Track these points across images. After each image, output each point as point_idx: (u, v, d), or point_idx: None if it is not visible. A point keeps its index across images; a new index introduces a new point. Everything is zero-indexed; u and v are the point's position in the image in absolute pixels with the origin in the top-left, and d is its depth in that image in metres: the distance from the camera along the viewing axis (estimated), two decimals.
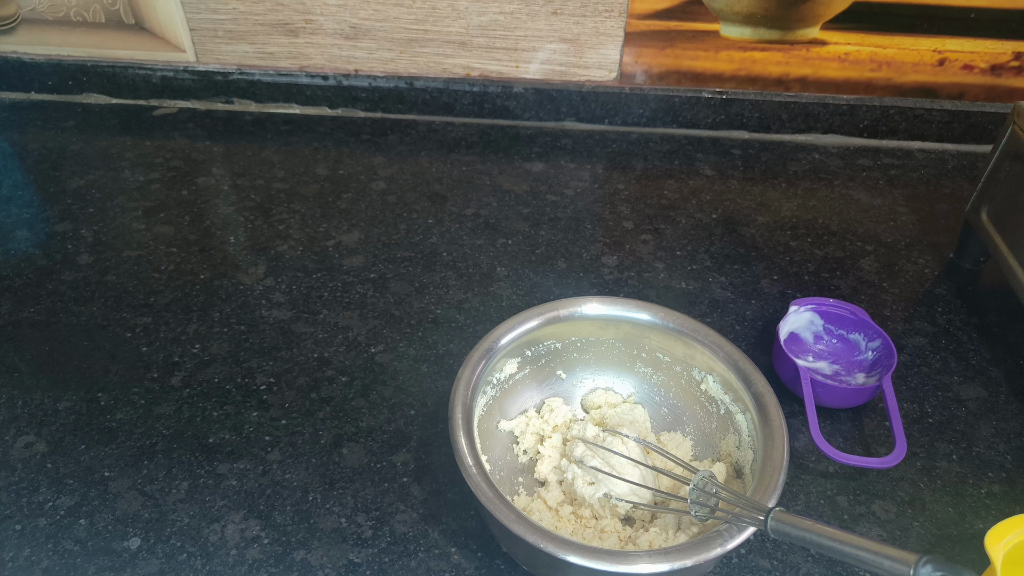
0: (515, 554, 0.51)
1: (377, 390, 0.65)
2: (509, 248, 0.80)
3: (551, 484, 0.56)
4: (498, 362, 0.56)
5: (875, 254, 0.80)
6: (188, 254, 0.78)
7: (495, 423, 0.58)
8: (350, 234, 0.81)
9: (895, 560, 0.37)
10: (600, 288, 0.75)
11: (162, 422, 0.62)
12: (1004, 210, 0.71)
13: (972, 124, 0.95)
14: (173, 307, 0.72)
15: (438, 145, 0.96)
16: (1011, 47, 0.90)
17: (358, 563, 0.53)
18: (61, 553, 0.53)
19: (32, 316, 0.71)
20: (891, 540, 0.55)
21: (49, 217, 0.83)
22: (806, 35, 0.91)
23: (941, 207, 0.88)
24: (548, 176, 0.91)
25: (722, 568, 0.53)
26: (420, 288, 0.75)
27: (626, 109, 0.98)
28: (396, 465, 0.59)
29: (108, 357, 0.67)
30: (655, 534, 0.51)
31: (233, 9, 0.94)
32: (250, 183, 0.89)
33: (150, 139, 0.96)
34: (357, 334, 0.70)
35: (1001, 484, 0.59)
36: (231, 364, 0.67)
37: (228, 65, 0.99)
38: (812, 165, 0.94)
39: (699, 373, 0.58)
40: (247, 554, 0.53)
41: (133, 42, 0.98)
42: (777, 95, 0.96)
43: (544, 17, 0.91)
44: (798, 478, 0.59)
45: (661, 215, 0.85)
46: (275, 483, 0.57)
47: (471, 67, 0.97)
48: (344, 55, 0.97)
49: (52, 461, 0.59)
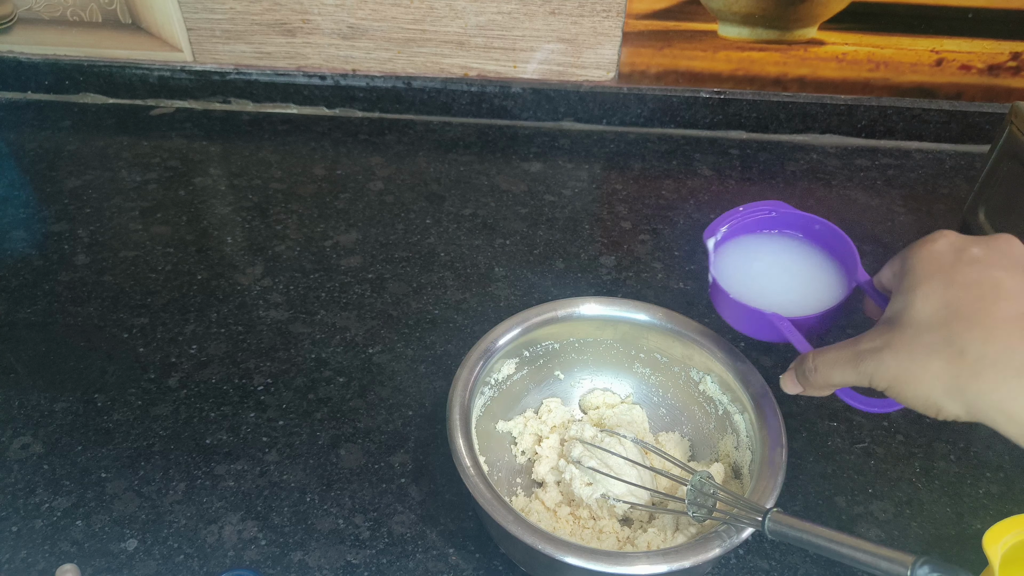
0: (513, 555, 0.51)
1: (375, 391, 0.65)
2: (507, 248, 0.80)
3: (549, 485, 0.56)
4: (496, 363, 0.56)
5: (873, 254, 0.80)
6: (185, 254, 0.78)
7: (493, 424, 0.58)
8: (348, 234, 0.81)
9: (892, 561, 0.37)
10: (598, 288, 0.75)
11: (159, 423, 0.61)
12: (1002, 210, 0.71)
13: (970, 124, 0.95)
14: (170, 308, 0.72)
15: (436, 145, 0.96)
16: (1009, 47, 0.90)
17: (356, 564, 0.52)
18: (58, 555, 0.52)
19: (28, 317, 0.71)
20: (889, 540, 0.55)
21: (45, 217, 0.83)
22: (804, 35, 0.91)
23: (939, 207, 0.88)
24: (546, 176, 0.91)
25: (720, 569, 0.53)
26: (418, 288, 0.75)
27: (624, 109, 0.98)
28: (394, 466, 0.59)
29: (105, 358, 0.67)
30: (653, 535, 0.51)
31: (230, 9, 0.93)
32: (247, 183, 0.88)
33: (147, 139, 0.96)
34: (355, 334, 0.70)
35: (999, 484, 0.59)
36: (228, 365, 0.66)
37: (225, 65, 0.99)
38: (810, 165, 0.94)
39: (697, 373, 0.58)
40: (245, 555, 0.53)
41: (130, 42, 0.97)
42: (775, 95, 0.96)
43: (542, 17, 0.91)
44: (796, 478, 0.59)
45: (659, 215, 0.85)
46: (272, 484, 0.57)
47: (469, 67, 0.97)
48: (342, 55, 0.97)
49: (49, 462, 0.59)
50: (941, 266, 0.36)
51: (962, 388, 0.33)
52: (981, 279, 0.35)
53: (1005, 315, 0.33)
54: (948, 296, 0.35)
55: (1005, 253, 0.36)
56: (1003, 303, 0.34)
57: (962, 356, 0.33)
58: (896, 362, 0.35)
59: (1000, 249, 0.36)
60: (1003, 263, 0.35)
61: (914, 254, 0.38)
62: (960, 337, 0.33)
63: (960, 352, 0.33)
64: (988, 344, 0.33)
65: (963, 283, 0.35)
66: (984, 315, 0.34)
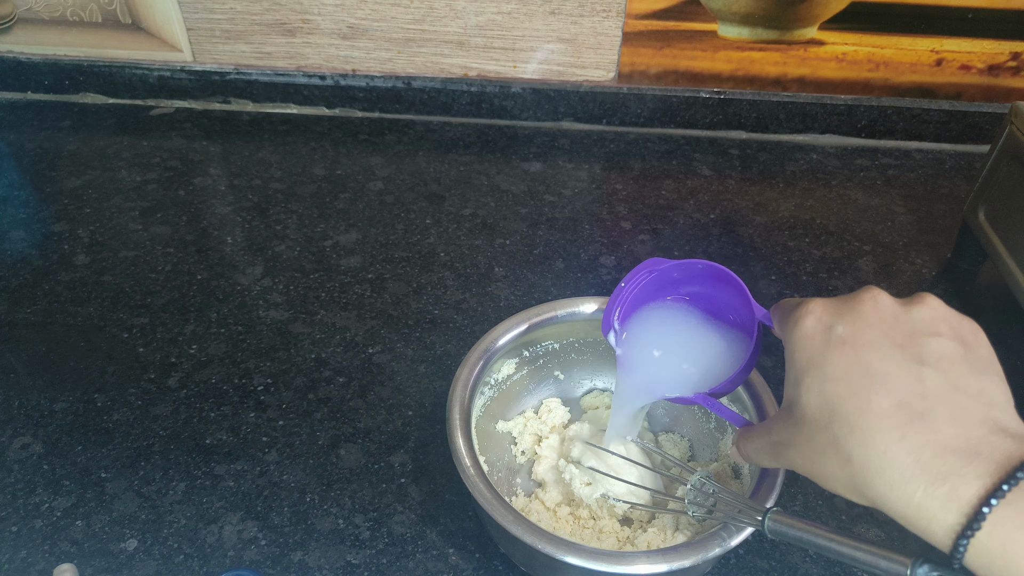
0: (513, 555, 0.51)
1: (375, 391, 0.65)
2: (507, 248, 0.80)
3: (549, 485, 0.56)
4: (496, 363, 0.56)
5: (873, 254, 0.80)
6: (185, 254, 0.78)
7: (493, 424, 0.58)
8: (348, 234, 0.81)
9: (892, 561, 0.37)
10: (598, 288, 0.75)
11: (159, 423, 0.61)
12: (1002, 210, 0.71)
13: (970, 124, 0.95)
14: (170, 308, 0.72)
15: (436, 145, 0.96)
16: (1008, 47, 0.90)
17: (356, 564, 0.52)
18: (58, 555, 0.52)
19: (28, 317, 0.71)
20: (889, 540, 0.55)
21: (45, 217, 0.83)
22: (804, 35, 0.91)
23: (939, 207, 0.88)
24: (546, 176, 0.91)
25: (720, 568, 0.53)
26: (418, 288, 0.75)
27: (624, 109, 0.98)
28: (394, 466, 0.59)
29: (105, 358, 0.67)
30: (653, 535, 0.51)
31: (230, 9, 0.93)
32: (247, 183, 0.88)
33: (147, 139, 0.96)
34: (355, 335, 0.70)
35: None
36: (228, 365, 0.66)
37: (225, 65, 0.99)
38: (810, 165, 0.94)
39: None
40: (245, 555, 0.53)
41: (130, 42, 0.97)
42: (775, 95, 0.96)
43: (542, 17, 0.91)
44: (796, 478, 0.59)
45: (659, 215, 0.85)
46: (272, 484, 0.57)
47: (469, 67, 0.97)
48: (341, 55, 0.97)
49: (48, 462, 0.59)
50: (813, 356, 0.34)
51: (860, 491, 0.32)
52: (850, 369, 0.33)
53: (878, 410, 0.31)
54: (825, 393, 0.33)
55: (869, 323, 0.34)
56: (874, 396, 0.32)
57: (850, 462, 0.32)
58: (801, 460, 0.35)
59: (864, 318, 0.34)
60: (869, 337, 0.33)
61: (790, 338, 0.36)
62: (844, 441, 0.32)
63: (847, 458, 0.32)
64: (868, 449, 0.31)
65: (835, 376, 0.33)
66: (859, 414, 0.32)
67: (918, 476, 0.30)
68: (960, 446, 0.29)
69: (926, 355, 0.32)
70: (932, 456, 0.30)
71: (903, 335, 0.33)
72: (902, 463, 0.30)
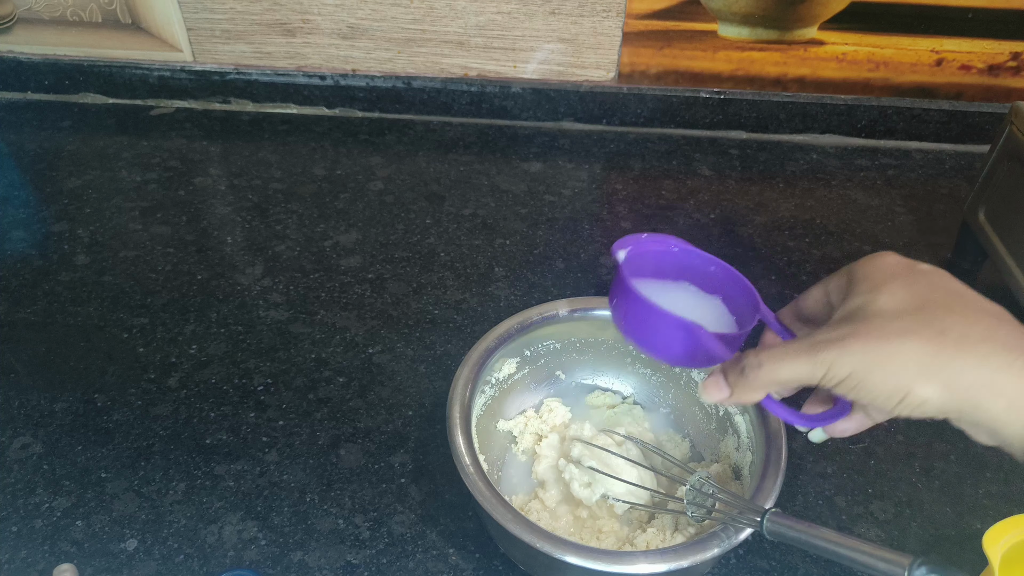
0: (513, 555, 0.51)
1: (375, 391, 0.65)
2: (507, 248, 0.80)
3: (549, 484, 0.56)
4: (496, 362, 0.56)
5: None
6: (185, 254, 0.78)
7: (493, 423, 0.58)
8: (348, 234, 0.81)
9: (890, 561, 0.37)
10: (599, 288, 0.75)
11: (159, 423, 0.62)
12: (1002, 210, 0.71)
13: (970, 124, 0.95)
14: (170, 308, 0.72)
15: (436, 145, 0.96)
16: (1008, 47, 0.90)
17: (356, 564, 0.52)
18: (58, 555, 0.52)
19: (28, 317, 0.71)
20: (889, 541, 0.55)
21: (45, 217, 0.83)
22: (804, 35, 0.91)
23: (939, 207, 0.88)
24: (546, 176, 0.91)
25: (720, 568, 0.53)
26: (418, 288, 0.75)
27: (624, 109, 0.98)
28: (394, 466, 0.59)
29: (105, 358, 0.67)
30: (653, 535, 0.51)
31: (230, 9, 0.93)
32: (247, 183, 0.88)
33: (147, 139, 0.96)
34: (355, 335, 0.70)
35: (999, 484, 0.59)
36: (228, 365, 0.66)
37: (225, 65, 0.99)
38: (810, 165, 0.94)
39: (699, 374, 0.58)
40: (245, 555, 0.53)
41: (130, 42, 0.97)
42: (775, 95, 0.96)
43: (542, 17, 0.91)
44: (796, 479, 0.59)
45: (659, 215, 0.85)
46: (272, 484, 0.57)
47: (469, 67, 0.97)
48: (341, 55, 0.97)
49: (48, 462, 0.59)
50: (897, 272, 0.36)
51: (942, 365, 0.32)
52: (942, 284, 0.35)
53: (979, 307, 0.34)
54: (915, 291, 0.34)
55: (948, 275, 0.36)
56: (972, 299, 0.34)
57: (943, 335, 0.32)
58: (862, 348, 0.33)
59: (942, 272, 0.36)
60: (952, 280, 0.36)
61: (864, 265, 0.37)
62: (940, 319, 0.33)
63: (940, 331, 0.32)
64: (971, 326, 0.32)
65: (927, 284, 0.35)
66: (960, 305, 0.34)
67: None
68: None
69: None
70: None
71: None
72: (1006, 332, 0.32)
